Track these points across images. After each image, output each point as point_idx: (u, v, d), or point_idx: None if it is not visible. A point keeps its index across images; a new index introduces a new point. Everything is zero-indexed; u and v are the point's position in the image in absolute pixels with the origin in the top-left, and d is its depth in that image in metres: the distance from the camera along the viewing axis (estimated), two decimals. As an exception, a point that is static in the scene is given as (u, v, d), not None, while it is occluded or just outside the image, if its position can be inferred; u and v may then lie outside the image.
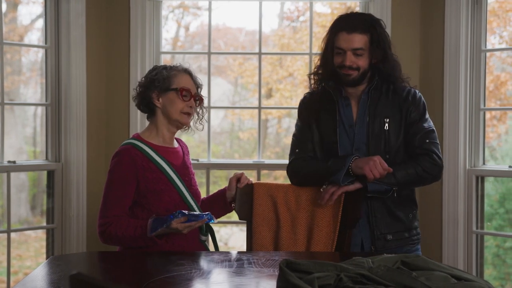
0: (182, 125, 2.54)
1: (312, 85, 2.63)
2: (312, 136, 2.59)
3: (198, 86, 2.57)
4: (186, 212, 2.32)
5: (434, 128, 2.55)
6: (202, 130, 2.67)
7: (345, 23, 2.48)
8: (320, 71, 2.57)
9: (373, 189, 2.42)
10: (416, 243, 2.59)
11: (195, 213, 2.33)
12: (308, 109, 2.61)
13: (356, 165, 2.38)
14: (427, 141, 2.48)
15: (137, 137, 2.52)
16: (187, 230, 2.32)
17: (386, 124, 2.49)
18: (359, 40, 2.45)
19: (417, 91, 2.57)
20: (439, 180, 3.30)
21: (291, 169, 2.61)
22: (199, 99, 2.55)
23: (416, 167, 2.44)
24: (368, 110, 2.51)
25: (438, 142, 2.53)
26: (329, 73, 2.53)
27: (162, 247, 2.39)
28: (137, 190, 2.42)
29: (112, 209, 2.38)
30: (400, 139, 2.51)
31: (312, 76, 2.62)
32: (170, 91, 2.48)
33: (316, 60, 2.62)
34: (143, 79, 2.56)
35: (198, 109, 2.60)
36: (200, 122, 2.64)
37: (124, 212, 2.39)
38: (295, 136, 2.65)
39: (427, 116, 2.55)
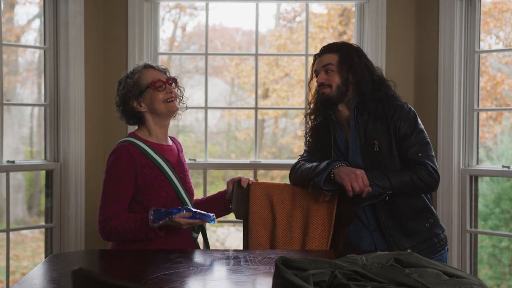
0: (172, 112, 2.55)
1: (309, 124, 2.73)
2: (319, 154, 2.68)
3: (164, 72, 2.59)
4: (192, 208, 2.35)
5: (428, 140, 2.56)
6: (186, 109, 2.69)
7: (319, 51, 2.68)
8: (312, 103, 2.71)
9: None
10: (439, 250, 2.58)
11: (201, 211, 2.37)
12: (311, 141, 2.74)
13: (338, 172, 2.41)
14: (420, 154, 2.49)
15: (133, 135, 2.55)
16: (187, 226, 2.36)
17: (376, 146, 2.52)
18: (327, 58, 2.61)
19: (405, 105, 2.58)
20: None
21: (294, 165, 2.67)
22: (172, 81, 2.58)
23: (412, 175, 2.45)
24: (358, 135, 2.55)
25: (433, 154, 2.54)
26: (317, 98, 2.66)
27: (155, 243, 2.42)
28: (135, 186, 2.44)
29: (111, 205, 2.41)
30: (394, 156, 2.52)
31: (308, 117, 2.74)
32: (145, 91, 2.51)
33: (310, 100, 2.74)
34: (117, 98, 2.59)
35: (176, 90, 2.61)
36: (182, 102, 2.66)
37: (123, 208, 2.42)
38: (307, 146, 2.75)
39: (420, 127, 2.56)
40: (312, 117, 2.71)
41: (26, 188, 7.93)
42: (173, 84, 2.58)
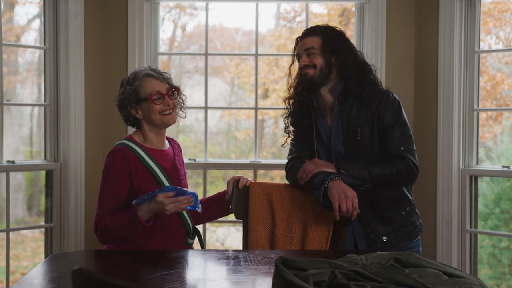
0: (168, 125, 2.54)
1: (289, 108, 2.70)
2: (305, 145, 2.67)
3: (166, 81, 2.55)
4: (171, 187, 2.32)
5: (411, 133, 2.54)
6: (185, 117, 2.67)
7: (301, 34, 2.65)
8: (292, 88, 2.67)
9: (348, 182, 2.43)
10: (415, 237, 2.59)
11: (182, 188, 2.32)
12: (294, 130, 2.71)
13: (331, 187, 2.38)
14: (402, 148, 2.48)
15: (130, 138, 2.55)
16: (172, 207, 2.30)
17: (359, 134, 2.51)
18: (310, 41, 2.58)
19: (391, 93, 2.56)
20: (433, 180, 3.34)
21: (288, 169, 2.66)
22: (173, 91, 2.54)
23: (391, 169, 2.45)
24: (341, 121, 2.54)
25: (414, 148, 2.52)
26: (298, 81, 2.63)
27: (149, 245, 2.42)
28: (130, 189, 2.45)
29: (106, 207, 2.41)
30: (375, 144, 2.52)
31: (287, 101, 2.70)
32: (143, 101, 2.50)
33: (289, 84, 2.70)
34: (117, 98, 2.58)
35: (178, 99, 2.59)
36: (182, 110, 2.64)
37: (117, 210, 2.42)
38: (293, 139, 2.73)
39: (403, 119, 2.53)
40: (292, 102, 2.68)
41: (26, 188, 7.93)
42: (175, 92, 2.56)
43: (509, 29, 7.02)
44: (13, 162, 3.36)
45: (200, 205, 2.35)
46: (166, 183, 2.48)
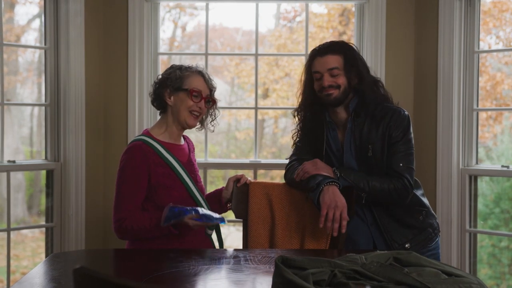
0: (188, 126, 2.58)
1: (297, 122, 2.70)
2: (309, 149, 2.67)
3: (211, 88, 2.61)
4: (200, 211, 2.37)
5: (413, 151, 2.54)
6: (213, 131, 2.73)
7: (319, 49, 2.59)
8: (302, 102, 2.65)
9: (344, 186, 2.44)
10: (434, 238, 2.61)
11: (209, 214, 2.39)
12: (303, 139, 2.71)
13: (324, 192, 2.39)
14: (401, 164, 2.49)
15: (147, 133, 2.58)
16: (196, 227, 2.40)
17: (370, 151, 2.51)
18: (333, 60, 2.53)
19: (402, 110, 2.56)
20: (433, 180, 3.35)
21: (287, 168, 2.67)
22: (211, 101, 2.61)
23: (389, 184, 2.47)
24: (354, 138, 2.54)
25: (413, 167, 2.52)
26: (311, 99, 2.61)
27: (171, 242, 2.44)
28: (148, 185, 2.46)
29: (126, 205, 2.42)
30: (385, 159, 2.53)
31: (296, 113, 2.70)
32: (181, 91, 2.54)
33: (298, 95, 2.69)
34: (160, 76, 2.62)
35: (211, 111, 2.66)
36: (212, 123, 2.70)
37: (137, 206, 2.44)
38: (299, 141, 2.72)
39: (409, 136, 2.54)
40: (302, 114, 2.68)
41: (26, 188, 7.94)
42: (210, 103, 2.61)
43: (509, 29, 7.02)
44: (13, 162, 3.37)
45: (225, 221, 2.44)
46: (185, 177, 2.52)
